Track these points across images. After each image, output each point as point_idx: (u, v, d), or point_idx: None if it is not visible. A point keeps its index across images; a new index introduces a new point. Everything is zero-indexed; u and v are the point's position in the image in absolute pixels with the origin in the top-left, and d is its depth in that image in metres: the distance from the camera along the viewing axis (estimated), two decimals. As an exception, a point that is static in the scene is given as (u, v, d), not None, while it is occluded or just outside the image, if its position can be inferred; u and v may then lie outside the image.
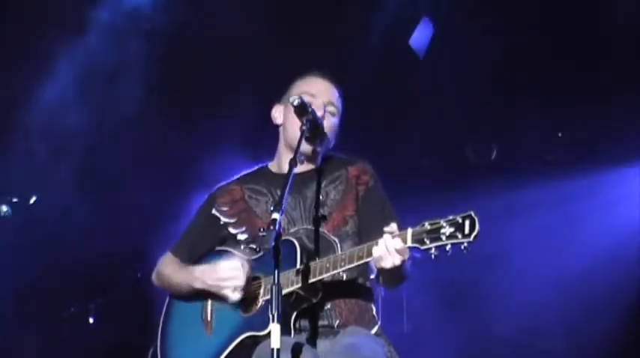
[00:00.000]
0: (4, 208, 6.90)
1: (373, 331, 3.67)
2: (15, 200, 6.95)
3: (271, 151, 4.01)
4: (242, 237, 3.80)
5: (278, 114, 3.93)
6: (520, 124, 7.04)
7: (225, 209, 3.88)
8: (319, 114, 3.70)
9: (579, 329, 6.93)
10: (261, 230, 3.17)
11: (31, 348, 6.81)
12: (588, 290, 6.85)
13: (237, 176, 3.99)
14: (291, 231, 3.70)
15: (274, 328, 3.07)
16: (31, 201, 7.04)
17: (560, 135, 7.22)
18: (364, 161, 3.87)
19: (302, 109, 3.57)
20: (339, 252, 3.59)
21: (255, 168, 4.01)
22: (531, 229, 7.08)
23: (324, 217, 3.71)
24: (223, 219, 3.88)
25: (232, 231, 3.84)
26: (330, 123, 3.80)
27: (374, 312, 3.75)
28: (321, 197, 3.74)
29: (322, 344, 3.57)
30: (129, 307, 7.09)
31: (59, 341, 6.95)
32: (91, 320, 7.09)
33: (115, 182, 6.94)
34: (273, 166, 3.95)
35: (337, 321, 3.63)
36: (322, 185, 3.77)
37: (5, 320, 6.58)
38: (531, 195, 7.06)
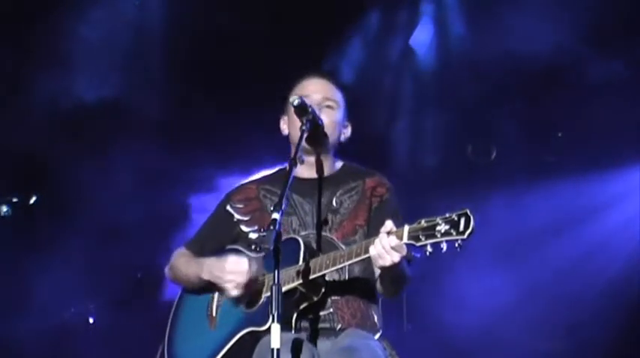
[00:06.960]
0: (4, 208, 6.88)
1: (375, 337, 3.68)
2: (15, 200, 6.94)
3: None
4: (253, 235, 3.81)
5: (285, 125, 3.95)
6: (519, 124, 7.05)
7: (239, 206, 3.93)
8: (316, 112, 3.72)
9: (579, 329, 6.92)
10: (261, 230, 3.19)
11: (30, 348, 6.80)
12: (588, 290, 6.84)
13: (255, 177, 4.05)
14: (302, 233, 3.73)
15: (274, 328, 3.08)
16: (31, 201, 7.02)
17: (560, 135, 7.22)
18: (382, 174, 3.90)
19: (302, 109, 3.59)
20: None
21: (274, 170, 4.04)
22: (530, 229, 7.07)
23: (325, 221, 3.73)
24: (237, 216, 3.92)
25: (244, 228, 3.88)
26: (330, 118, 3.80)
27: (376, 319, 3.77)
28: (334, 204, 3.78)
29: (322, 344, 3.60)
30: (129, 307, 7.09)
31: (59, 341, 6.94)
32: (91, 320, 7.08)
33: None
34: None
35: (339, 325, 3.66)
36: (337, 193, 3.80)
37: (5, 320, 6.58)
38: (531, 194, 7.05)
